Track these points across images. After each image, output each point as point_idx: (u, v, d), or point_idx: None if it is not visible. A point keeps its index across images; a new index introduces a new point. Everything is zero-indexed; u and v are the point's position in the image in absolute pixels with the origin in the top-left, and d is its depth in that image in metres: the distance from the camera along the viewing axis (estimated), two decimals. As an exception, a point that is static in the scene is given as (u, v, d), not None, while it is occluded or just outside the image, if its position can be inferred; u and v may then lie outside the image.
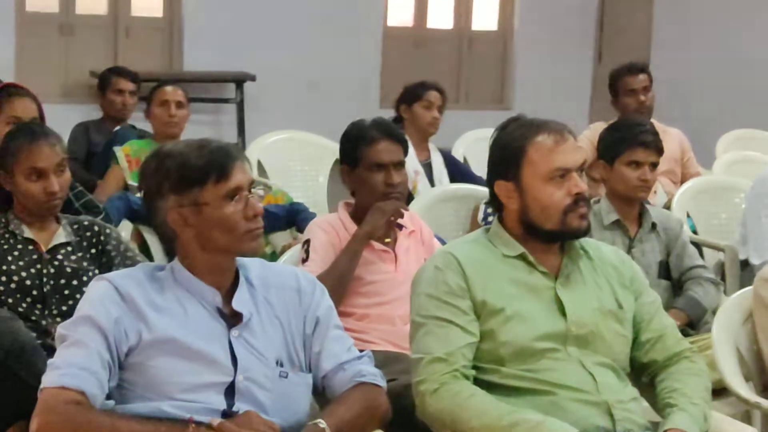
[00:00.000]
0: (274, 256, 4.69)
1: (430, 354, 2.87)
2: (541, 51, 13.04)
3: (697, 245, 5.33)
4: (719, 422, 3.02)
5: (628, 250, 4.33)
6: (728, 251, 5.32)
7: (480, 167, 5.56)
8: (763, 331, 3.44)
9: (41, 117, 4.41)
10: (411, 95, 6.27)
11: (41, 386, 2.54)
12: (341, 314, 3.67)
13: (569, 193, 2.96)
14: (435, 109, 6.26)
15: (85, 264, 3.57)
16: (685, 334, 4.03)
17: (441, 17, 13.08)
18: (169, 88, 6.24)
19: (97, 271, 3.47)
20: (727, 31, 11.57)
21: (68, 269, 3.52)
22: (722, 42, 11.57)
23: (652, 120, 6.33)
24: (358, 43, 12.15)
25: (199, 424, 2.53)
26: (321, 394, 2.84)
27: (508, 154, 3.02)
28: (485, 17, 13.29)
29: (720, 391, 3.45)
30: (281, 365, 2.72)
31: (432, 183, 5.92)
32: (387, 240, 3.96)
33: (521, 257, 3.00)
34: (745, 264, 5.13)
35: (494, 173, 3.07)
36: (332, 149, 4.30)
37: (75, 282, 3.49)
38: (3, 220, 3.60)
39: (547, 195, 2.96)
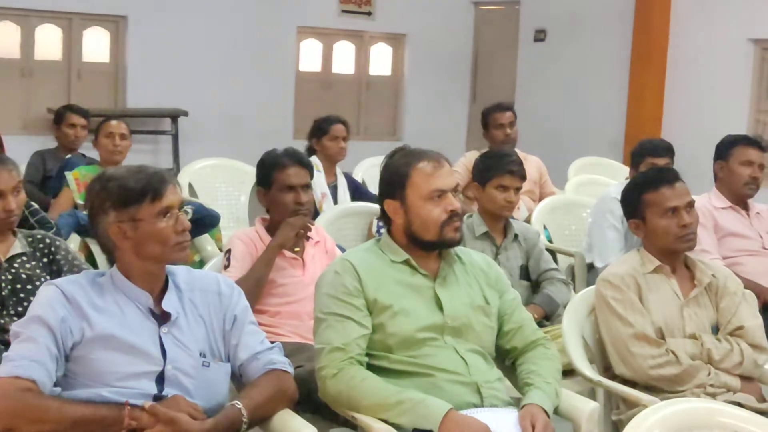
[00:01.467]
0: (201, 264, 4.65)
1: (330, 344, 2.86)
2: (426, 92, 13.19)
3: (552, 252, 5.38)
4: (568, 398, 3.04)
5: (495, 257, 4.36)
6: (577, 257, 5.40)
7: (375, 188, 5.57)
8: (604, 323, 3.48)
9: (1, 146, 4.32)
10: (320, 129, 6.23)
11: None
12: (257, 312, 3.65)
13: (445, 210, 2.97)
14: (341, 139, 6.20)
15: (38, 271, 3.49)
16: (541, 326, 4.07)
17: (344, 64, 13.17)
18: (113, 122, 6.15)
19: (48, 278, 3.39)
20: (574, 79, 11.74)
21: (23, 276, 3.45)
22: (572, 89, 11.74)
23: (516, 149, 6.42)
24: (274, 85, 12.19)
25: (133, 406, 2.51)
26: (238, 380, 2.81)
27: (395, 178, 3.03)
28: (380, 64, 13.41)
29: (569, 372, 3.47)
30: (204, 356, 2.70)
31: (336, 201, 5.91)
32: (296, 249, 3.94)
33: (406, 262, 3.00)
34: (590, 267, 5.21)
35: (384, 193, 3.08)
36: (251, 173, 4.27)
37: (29, 287, 3.41)
38: None
39: (427, 211, 2.97)
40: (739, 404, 3.13)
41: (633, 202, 3.61)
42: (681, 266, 3.57)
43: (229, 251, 3.93)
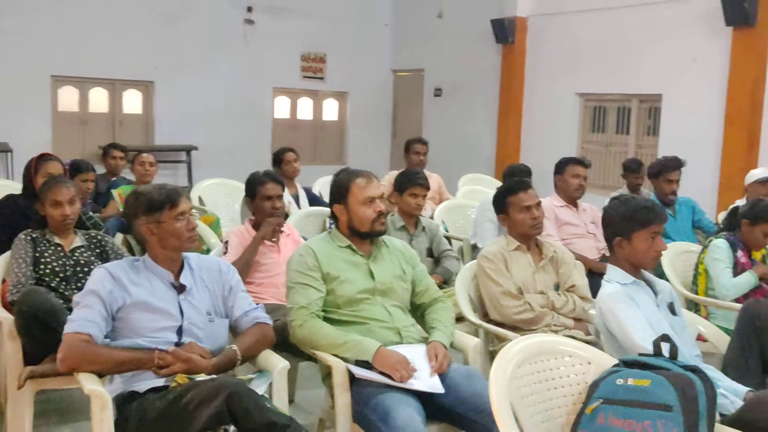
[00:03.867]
0: (208, 251, 4.57)
1: (297, 304, 2.84)
2: (362, 131, 13.23)
3: (448, 238, 5.41)
4: (460, 336, 3.06)
5: (410, 242, 4.36)
6: (465, 241, 5.43)
7: (327, 197, 5.55)
8: (482, 284, 3.50)
9: (65, 172, 4.21)
10: (277, 158, 6.17)
11: (64, 332, 2.46)
12: (247, 283, 3.61)
13: (374, 211, 2.96)
14: (292, 162, 6.10)
15: (92, 258, 3.42)
16: (441, 288, 4.08)
17: (305, 113, 13.12)
18: (144, 154, 6.07)
19: (99, 263, 3.33)
20: (461, 122, 11.84)
21: (81, 261, 3.38)
22: (460, 128, 11.83)
23: (425, 170, 6.46)
24: (257, 128, 12.19)
25: (161, 350, 2.48)
26: (234, 331, 2.77)
27: (340, 190, 3.02)
28: (330, 113, 13.37)
29: (460, 318, 3.49)
30: (210, 315, 2.67)
31: (299, 207, 5.87)
32: (273, 240, 3.89)
33: (348, 247, 2.99)
34: (474, 247, 5.25)
35: (332, 200, 3.06)
36: (242, 188, 4.21)
37: (86, 269, 3.35)
38: (42, 232, 3.43)
39: (362, 212, 2.96)
40: (573, 337, 3.18)
41: (501, 203, 3.64)
42: (533, 245, 3.60)
43: (227, 242, 3.88)
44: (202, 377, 2.41)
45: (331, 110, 13.33)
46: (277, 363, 2.63)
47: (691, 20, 8.50)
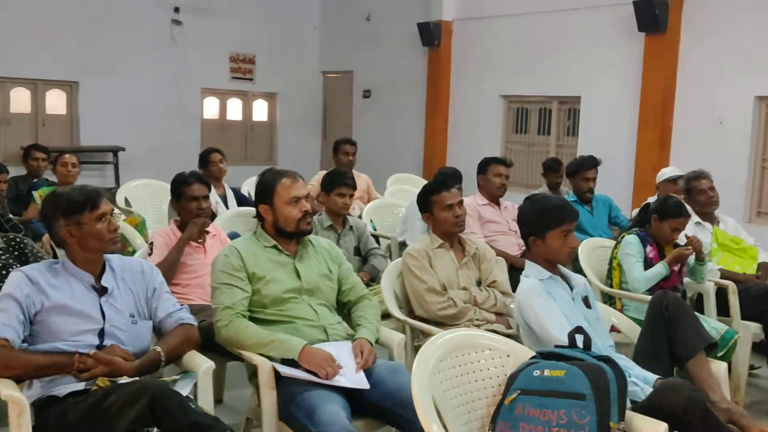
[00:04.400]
0: (134, 253, 4.46)
1: (222, 304, 2.81)
2: (292, 132, 13.16)
3: (377, 236, 5.43)
4: (385, 332, 3.06)
5: (337, 241, 4.36)
6: (393, 239, 5.46)
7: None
8: (407, 282, 3.52)
9: None
10: (203, 159, 6.06)
11: None
12: (173, 284, 3.57)
13: (300, 211, 2.95)
14: (218, 162, 6.00)
15: (10, 261, 3.28)
16: (368, 286, 4.09)
17: (235, 113, 12.96)
18: (66, 155, 5.88)
19: (17, 266, 3.19)
20: (390, 123, 11.90)
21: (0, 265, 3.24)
22: (389, 129, 11.89)
23: (353, 170, 6.47)
24: (185, 128, 11.92)
25: (81, 354, 2.41)
26: (158, 332, 2.71)
27: (265, 190, 2.98)
28: (260, 113, 13.23)
29: (387, 315, 3.51)
30: (133, 316, 2.61)
31: (227, 207, 5.79)
32: (200, 240, 3.83)
33: (274, 246, 2.96)
34: (402, 245, 5.27)
35: (258, 200, 3.02)
36: (168, 189, 4.12)
37: (3, 272, 3.20)
38: None
39: (288, 212, 2.94)
40: (495, 331, 3.23)
41: (424, 202, 3.67)
42: (456, 243, 3.64)
43: (152, 243, 3.79)
44: (124, 380, 2.35)
45: (261, 111, 13.19)
46: (201, 363, 2.59)
47: (607, 26, 8.77)
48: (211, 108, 12.65)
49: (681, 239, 4.07)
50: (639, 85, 8.40)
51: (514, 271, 4.04)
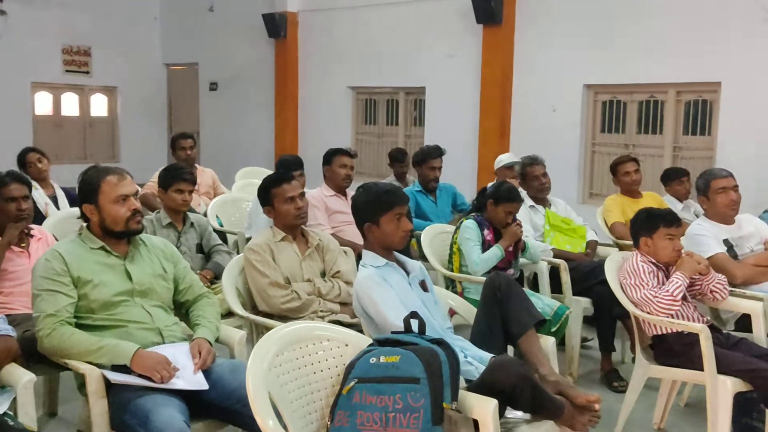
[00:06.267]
0: None
1: (44, 312, 2.63)
2: (135, 127, 12.72)
3: (223, 233, 5.32)
4: (226, 330, 2.97)
5: (178, 239, 4.22)
6: (240, 234, 5.35)
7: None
8: (250, 277, 3.45)
9: None
10: (19, 162, 5.79)
11: None
12: (-6, 294, 3.30)
13: (129, 209, 2.82)
14: (36, 163, 5.80)
15: None
16: (213, 283, 4.01)
17: (71, 109, 12.28)
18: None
19: None
20: (239, 115, 11.67)
21: None
22: (237, 121, 11.67)
23: (196, 164, 6.29)
24: (14, 126, 11.12)
25: None
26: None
27: (89, 188, 2.83)
28: (99, 108, 12.63)
29: (230, 314, 3.44)
30: None
31: (58, 208, 5.45)
32: (23, 245, 3.56)
33: (102, 248, 2.81)
34: (250, 239, 5.16)
35: (82, 200, 2.85)
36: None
37: None
38: None
39: (116, 211, 2.80)
40: (339, 321, 3.25)
41: (265, 195, 3.63)
42: (299, 235, 3.63)
43: None
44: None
45: (99, 106, 12.55)
46: (21, 377, 2.42)
47: (447, 18, 9.04)
48: (43, 103, 11.89)
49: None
50: (479, 75, 8.74)
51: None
